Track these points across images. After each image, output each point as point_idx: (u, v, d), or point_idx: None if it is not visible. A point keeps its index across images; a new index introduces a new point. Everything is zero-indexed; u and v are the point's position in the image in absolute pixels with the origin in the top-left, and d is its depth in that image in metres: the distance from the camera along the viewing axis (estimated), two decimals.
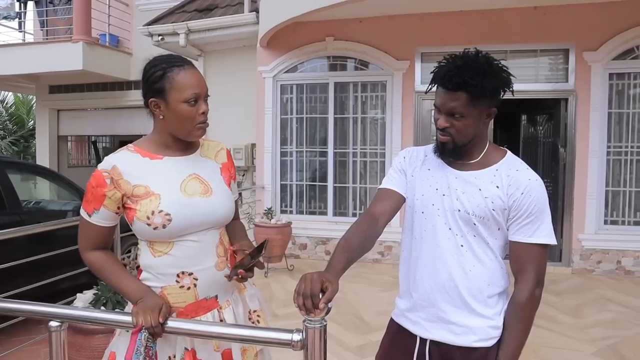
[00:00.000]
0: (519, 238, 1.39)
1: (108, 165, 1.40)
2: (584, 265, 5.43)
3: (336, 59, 6.20)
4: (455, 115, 1.37)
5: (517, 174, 1.40)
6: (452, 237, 1.42)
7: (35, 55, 8.46)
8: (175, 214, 1.38)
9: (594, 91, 5.39)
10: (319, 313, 1.16)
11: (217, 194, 1.48)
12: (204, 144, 1.58)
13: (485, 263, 1.41)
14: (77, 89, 9.75)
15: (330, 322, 4.00)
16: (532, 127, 6.30)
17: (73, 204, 5.06)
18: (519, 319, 1.38)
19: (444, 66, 1.39)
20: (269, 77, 6.34)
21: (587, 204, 5.44)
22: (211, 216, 1.45)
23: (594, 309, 4.25)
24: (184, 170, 1.46)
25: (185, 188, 1.43)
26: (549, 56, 5.65)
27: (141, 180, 1.40)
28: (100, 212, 1.41)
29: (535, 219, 1.37)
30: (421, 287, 1.47)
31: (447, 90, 1.36)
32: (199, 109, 1.41)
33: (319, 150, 6.37)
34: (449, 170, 1.48)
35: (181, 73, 1.40)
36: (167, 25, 6.76)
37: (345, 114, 6.24)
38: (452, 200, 1.43)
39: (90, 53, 8.20)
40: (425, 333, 1.46)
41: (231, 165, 1.60)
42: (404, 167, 1.57)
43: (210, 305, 1.47)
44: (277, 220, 5.52)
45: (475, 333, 1.39)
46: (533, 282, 1.37)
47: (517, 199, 1.37)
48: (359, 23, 5.95)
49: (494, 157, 1.45)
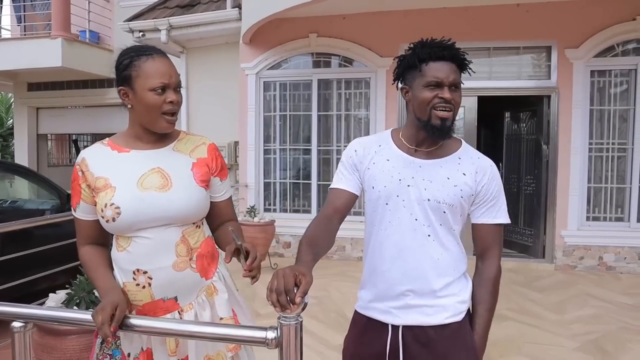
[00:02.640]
0: (485, 220, 1.46)
1: (79, 158, 1.43)
2: (567, 261, 5.46)
3: (320, 56, 6.15)
4: (457, 86, 1.39)
5: (479, 161, 1.46)
6: (419, 228, 1.42)
7: (13, 51, 8.27)
8: (124, 208, 1.35)
9: (576, 88, 5.43)
10: (295, 308, 1.10)
11: (177, 188, 1.39)
12: (184, 138, 1.51)
13: (450, 249, 1.45)
14: (57, 86, 9.57)
15: (314, 321, 3.94)
16: (515, 124, 6.32)
17: (51, 203, 4.94)
18: (491, 294, 1.45)
19: (425, 45, 1.41)
20: (252, 74, 6.27)
21: (570, 201, 5.47)
22: (166, 212, 1.37)
23: (576, 305, 4.27)
24: (147, 164, 1.41)
25: (142, 182, 1.38)
26: (531, 53, 5.67)
27: (103, 173, 1.40)
28: (81, 206, 1.43)
29: (497, 201, 1.45)
30: (389, 278, 1.45)
31: (446, 61, 1.38)
32: (166, 97, 1.36)
33: (302, 148, 6.32)
34: (411, 159, 1.46)
35: (148, 61, 1.36)
36: (148, 21, 6.64)
37: (329, 112, 6.19)
38: (419, 190, 1.42)
39: (69, 49, 8.04)
40: (396, 320, 1.45)
41: (212, 160, 1.49)
42: (356, 161, 1.53)
43: (168, 306, 1.40)
44: (260, 218, 5.46)
45: (447, 310, 1.42)
46: (498, 257, 1.47)
47: (484, 184, 1.43)
48: (342, 19, 5.91)
49: (452, 146, 1.48)
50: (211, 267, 1.48)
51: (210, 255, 1.48)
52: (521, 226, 6.06)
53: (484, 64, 5.72)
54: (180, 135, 1.51)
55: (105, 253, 1.47)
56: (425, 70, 1.38)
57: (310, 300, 4.17)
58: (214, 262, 1.50)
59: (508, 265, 5.53)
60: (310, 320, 3.85)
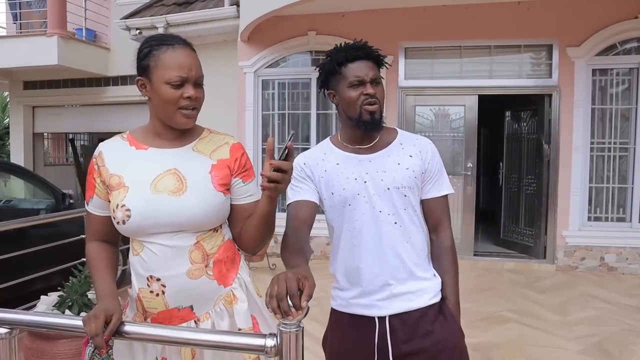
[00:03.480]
0: (433, 194, 1.54)
1: (97, 151, 1.38)
2: (568, 262, 5.41)
3: (319, 54, 6.09)
4: (377, 81, 1.48)
5: (419, 141, 1.56)
6: (385, 218, 1.47)
7: (8, 49, 8.17)
8: (135, 210, 1.26)
9: (578, 87, 5.38)
10: (298, 315, 1.04)
11: (191, 193, 1.28)
12: (206, 137, 1.40)
13: (417, 231, 1.52)
14: (53, 84, 9.45)
15: (313, 323, 3.87)
16: (516, 123, 6.26)
17: (46, 203, 4.88)
18: (452, 262, 1.54)
19: (340, 49, 1.50)
20: (250, 73, 6.21)
21: (571, 201, 5.42)
22: (178, 218, 1.27)
23: (578, 306, 4.21)
24: (164, 164, 1.31)
25: (156, 184, 1.28)
26: (532, 52, 5.62)
27: (118, 170, 1.32)
28: (94, 200, 1.37)
29: (441, 175, 1.55)
30: (369, 274, 1.48)
31: (362, 60, 1.47)
32: (183, 92, 1.26)
33: (301, 147, 6.25)
34: (359, 157, 1.52)
35: (168, 51, 1.27)
36: (145, 18, 6.58)
37: (328, 110, 6.13)
38: (376, 182, 1.48)
39: (65, 48, 7.94)
40: (382, 311, 1.48)
41: (234, 161, 1.36)
42: (308, 173, 1.55)
43: (184, 315, 1.31)
44: None
45: (427, 292, 1.49)
46: (449, 227, 1.57)
47: (429, 161, 1.53)
48: (341, 17, 5.85)
49: (390, 135, 1.57)
50: (230, 273, 1.37)
51: (230, 260, 1.37)
52: (522, 226, 6.01)
53: (484, 63, 5.67)
54: (203, 133, 1.41)
55: (112, 253, 1.39)
56: (345, 72, 1.47)
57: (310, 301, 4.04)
58: (234, 268, 1.39)
59: (509, 266, 5.49)
60: (309, 322, 3.76)
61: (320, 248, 5.92)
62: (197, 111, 1.32)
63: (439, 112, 5.87)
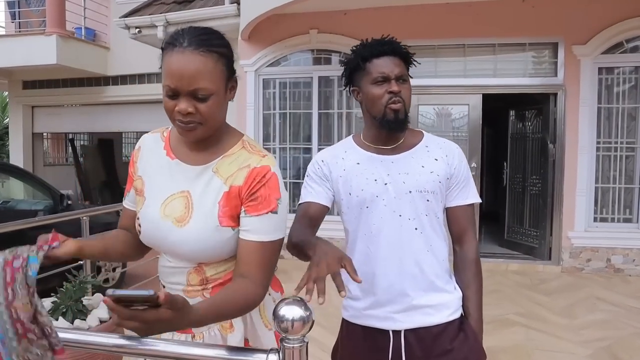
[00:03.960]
0: (459, 202, 1.45)
1: (139, 144, 1.29)
2: (574, 263, 5.33)
3: (320, 53, 6.01)
4: (403, 78, 1.40)
5: (445, 145, 1.48)
6: (405, 223, 1.39)
7: (6, 48, 8.12)
8: (144, 230, 1.21)
9: (583, 86, 5.29)
10: (301, 329, 0.97)
11: (194, 225, 1.13)
12: (234, 154, 1.17)
13: (439, 240, 1.43)
14: (53, 84, 9.39)
15: (316, 327, 3.79)
16: (521, 122, 6.18)
17: (44, 204, 4.81)
18: (476, 275, 1.44)
19: (366, 45, 1.43)
20: (251, 71, 6.13)
21: (577, 201, 5.34)
22: (178, 249, 1.16)
23: (585, 309, 4.13)
24: (180, 183, 1.18)
25: (166, 205, 1.17)
26: (537, 50, 5.54)
27: (144, 174, 1.24)
28: (130, 194, 1.30)
29: (467, 182, 1.46)
30: (385, 282, 1.40)
31: (388, 56, 1.39)
32: (176, 104, 1.08)
33: (302, 147, 6.18)
34: (381, 157, 1.45)
35: (172, 55, 1.07)
36: (144, 17, 6.49)
37: (329, 110, 6.06)
38: (398, 185, 1.40)
39: (64, 47, 7.88)
40: (398, 325, 1.39)
41: (246, 189, 1.12)
42: (325, 172, 1.49)
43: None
44: None
45: (448, 307, 1.40)
46: (475, 238, 1.47)
47: (456, 166, 1.44)
48: (343, 15, 5.77)
49: (416, 137, 1.49)
50: None
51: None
52: (526, 227, 5.93)
53: (488, 61, 5.59)
54: (233, 148, 1.18)
55: (125, 237, 1.31)
56: (369, 67, 1.40)
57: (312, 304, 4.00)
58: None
59: (513, 267, 5.40)
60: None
61: None
62: (200, 126, 1.09)
63: (442, 111, 5.79)
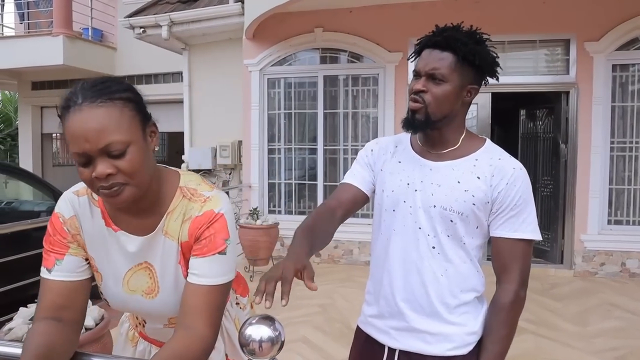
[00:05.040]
0: (503, 233, 1.24)
1: (67, 213, 1.08)
2: (587, 267, 5.16)
3: (326, 51, 5.90)
4: (436, 78, 1.22)
5: (500, 162, 1.25)
6: (423, 238, 1.25)
7: (15, 49, 8.16)
8: (112, 303, 1.15)
9: (597, 83, 5.12)
10: (269, 350, 0.87)
11: (164, 294, 1.09)
12: (176, 208, 1.06)
13: (458, 266, 1.25)
14: (61, 85, 9.42)
15: (317, 332, 3.66)
16: (531, 122, 6.02)
17: (47, 205, 4.79)
18: (503, 324, 1.23)
19: (430, 33, 1.27)
20: (256, 71, 6.04)
21: (590, 203, 5.16)
22: (154, 315, 1.16)
23: (598, 316, 3.97)
24: (134, 256, 1.08)
25: (128, 280, 1.10)
26: (548, 47, 5.37)
27: (91, 250, 1.10)
28: (66, 261, 1.08)
29: (520, 212, 1.22)
30: (389, 293, 1.30)
31: (433, 49, 1.23)
32: (92, 170, 0.92)
33: (308, 147, 6.08)
34: (423, 161, 1.31)
35: (69, 118, 0.91)
36: (149, 17, 6.44)
37: (335, 109, 5.95)
38: (426, 195, 1.25)
39: (71, 47, 7.89)
40: (394, 343, 1.30)
41: (193, 240, 1.05)
42: (370, 161, 1.40)
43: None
44: (263, 221, 5.23)
45: (450, 340, 1.25)
46: (518, 282, 1.23)
47: (501, 190, 1.22)
48: (348, 13, 5.65)
49: (472, 146, 1.29)
50: None
51: None
52: None
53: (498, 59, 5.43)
54: (174, 200, 1.06)
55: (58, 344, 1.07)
56: (417, 59, 1.27)
57: (314, 309, 3.88)
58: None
59: None
60: (313, 331, 3.62)
61: (328, 252, 5.74)
62: (126, 187, 0.94)
63: None
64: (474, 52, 1.21)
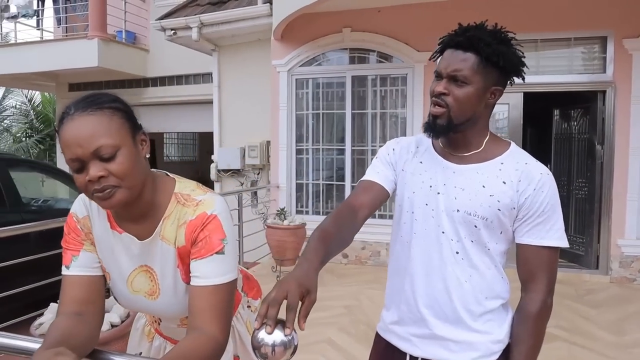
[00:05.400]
0: (529, 241, 1.20)
1: (80, 213, 1.16)
2: (624, 273, 4.96)
3: (354, 52, 5.87)
4: (458, 80, 1.17)
5: (527, 167, 1.20)
6: (447, 242, 1.22)
7: (53, 52, 8.41)
8: (119, 301, 1.22)
9: (635, 82, 4.92)
10: (282, 355, 0.85)
11: (164, 296, 1.14)
12: (171, 214, 1.10)
13: (483, 273, 1.22)
14: (96, 86, 9.67)
15: (342, 334, 3.63)
16: (566, 122, 5.83)
17: None
18: (530, 333, 1.19)
19: (456, 30, 1.22)
20: (284, 71, 6.06)
21: (628, 206, 4.97)
22: (160, 315, 1.24)
23: (636, 325, 3.81)
24: (134, 259, 1.14)
25: (132, 282, 1.16)
26: (584, 45, 5.19)
27: (100, 247, 1.16)
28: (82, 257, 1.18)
29: (548, 219, 1.18)
30: (411, 299, 1.27)
31: (455, 49, 1.18)
32: (86, 174, 0.98)
33: (336, 148, 6.06)
34: (446, 164, 1.27)
35: (63, 128, 0.99)
36: (179, 19, 6.55)
37: (363, 110, 5.91)
38: (449, 199, 1.22)
39: (105, 50, 8.09)
40: (415, 351, 1.26)
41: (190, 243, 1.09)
42: (392, 159, 1.36)
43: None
44: (290, 221, 5.24)
45: (475, 349, 1.21)
46: (544, 290, 1.19)
47: (528, 196, 1.18)
48: (377, 13, 5.61)
49: (497, 149, 1.25)
50: None
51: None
52: (571, 233, 5.58)
53: (530, 58, 5.24)
54: (170, 206, 1.11)
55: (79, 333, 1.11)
56: (439, 60, 1.23)
57: (340, 310, 3.82)
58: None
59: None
60: (338, 332, 3.59)
61: (355, 253, 5.71)
62: (117, 189, 0.99)
63: None
64: (497, 53, 1.16)
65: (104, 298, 1.17)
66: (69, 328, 1.01)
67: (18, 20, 9.32)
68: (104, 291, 1.18)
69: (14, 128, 15.55)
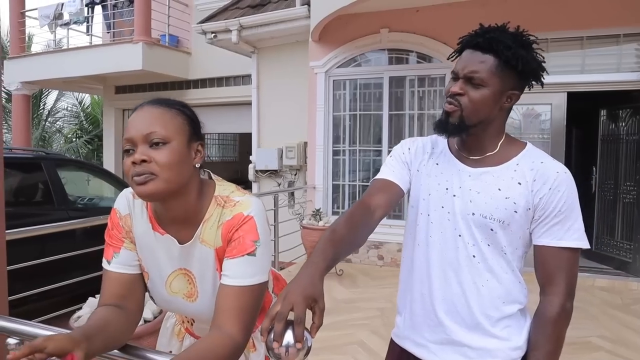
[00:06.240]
0: (547, 242, 1.16)
1: (123, 209, 1.18)
2: None
3: (391, 52, 5.83)
4: (474, 81, 1.15)
5: (542, 166, 1.17)
6: (463, 246, 1.19)
7: (101, 56, 8.77)
8: (157, 301, 1.23)
9: None
10: (295, 355, 0.86)
11: (203, 299, 1.15)
12: (212, 216, 1.11)
13: (500, 277, 1.18)
14: (140, 88, 10.02)
15: (374, 336, 3.61)
16: (613, 123, 5.59)
17: None
18: (549, 338, 1.15)
19: (477, 30, 1.21)
20: (321, 73, 6.09)
21: None
22: (197, 317, 1.26)
23: None
24: (174, 261, 1.15)
25: (170, 283, 1.18)
26: (634, 42, 4.97)
27: (139, 246, 1.18)
28: (122, 254, 1.21)
29: (566, 219, 1.14)
30: (427, 303, 1.24)
31: (474, 50, 1.17)
32: (133, 157, 1.02)
33: (373, 149, 6.04)
34: (461, 166, 1.24)
35: (134, 114, 1.07)
36: (219, 22, 6.68)
37: (401, 111, 5.86)
38: (464, 202, 1.20)
39: (149, 53, 8.36)
40: (432, 357, 1.23)
41: (226, 243, 1.10)
42: (407, 159, 1.34)
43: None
44: (325, 222, 5.26)
45: (493, 356, 1.18)
46: (564, 293, 1.15)
47: (544, 195, 1.15)
48: (415, 13, 5.55)
49: (512, 150, 1.22)
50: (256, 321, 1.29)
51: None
52: (618, 239, 5.34)
53: (574, 56, 5.10)
54: (210, 209, 1.12)
55: (117, 322, 1.14)
56: (457, 60, 1.22)
57: (373, 312, 3.78)
58: (260, 316, 1.26)
59: (601, 284, 4.89)
60: (370, 335, 3.58)
61: (391, 255, 5.66)
62: (153, 178, 1.01)
63: (524, 111, 5.38)
64: (517, 57, 1.13)
65: (144, 294, 1.20)
66: (108, 317, 1.05)
67: (70, 27, 9.75)
68: (144, 288, 1.20)
69: (66, 129, 16.27)
